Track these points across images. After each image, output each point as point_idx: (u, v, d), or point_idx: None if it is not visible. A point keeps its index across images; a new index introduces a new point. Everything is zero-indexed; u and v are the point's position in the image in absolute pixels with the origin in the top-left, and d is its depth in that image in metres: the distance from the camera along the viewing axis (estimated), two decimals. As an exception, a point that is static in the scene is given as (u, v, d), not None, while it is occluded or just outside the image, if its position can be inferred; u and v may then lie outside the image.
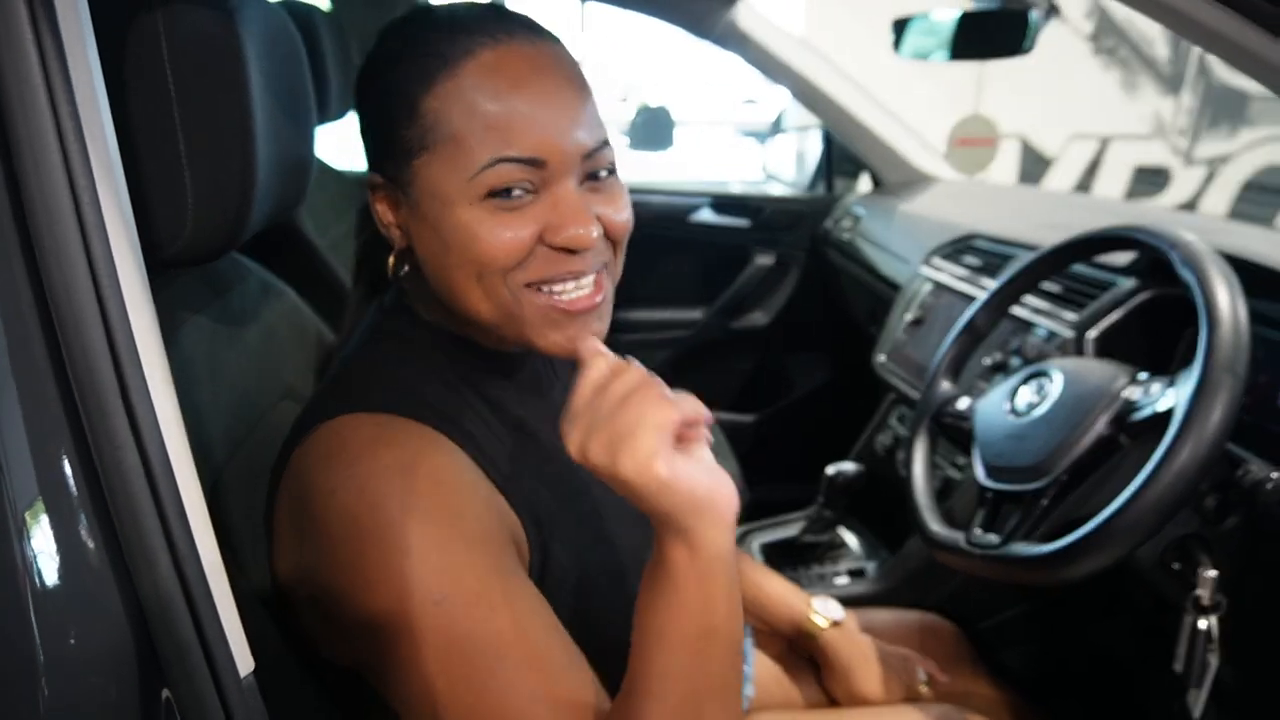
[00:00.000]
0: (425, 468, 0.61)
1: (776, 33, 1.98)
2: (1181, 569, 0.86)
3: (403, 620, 0.58)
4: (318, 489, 0.61)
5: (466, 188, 0.62)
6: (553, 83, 0.64)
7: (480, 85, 0.62)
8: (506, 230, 0.63)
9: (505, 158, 0.61)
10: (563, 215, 0.63)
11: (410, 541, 0.58)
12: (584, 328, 0.66)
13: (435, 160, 0.63)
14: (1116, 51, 5.54)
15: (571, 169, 0.64)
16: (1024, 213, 1.81)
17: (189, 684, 0.47)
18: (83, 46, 0.47)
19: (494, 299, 0.65)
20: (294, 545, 0.65)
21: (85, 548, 0.47)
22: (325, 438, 0.63)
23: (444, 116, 0.63)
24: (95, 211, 0.46)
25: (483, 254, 0.63)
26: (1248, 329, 0.77)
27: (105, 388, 0.46)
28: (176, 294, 0.79)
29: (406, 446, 0.62)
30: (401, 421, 0.64)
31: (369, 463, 0.60)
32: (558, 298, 0.65)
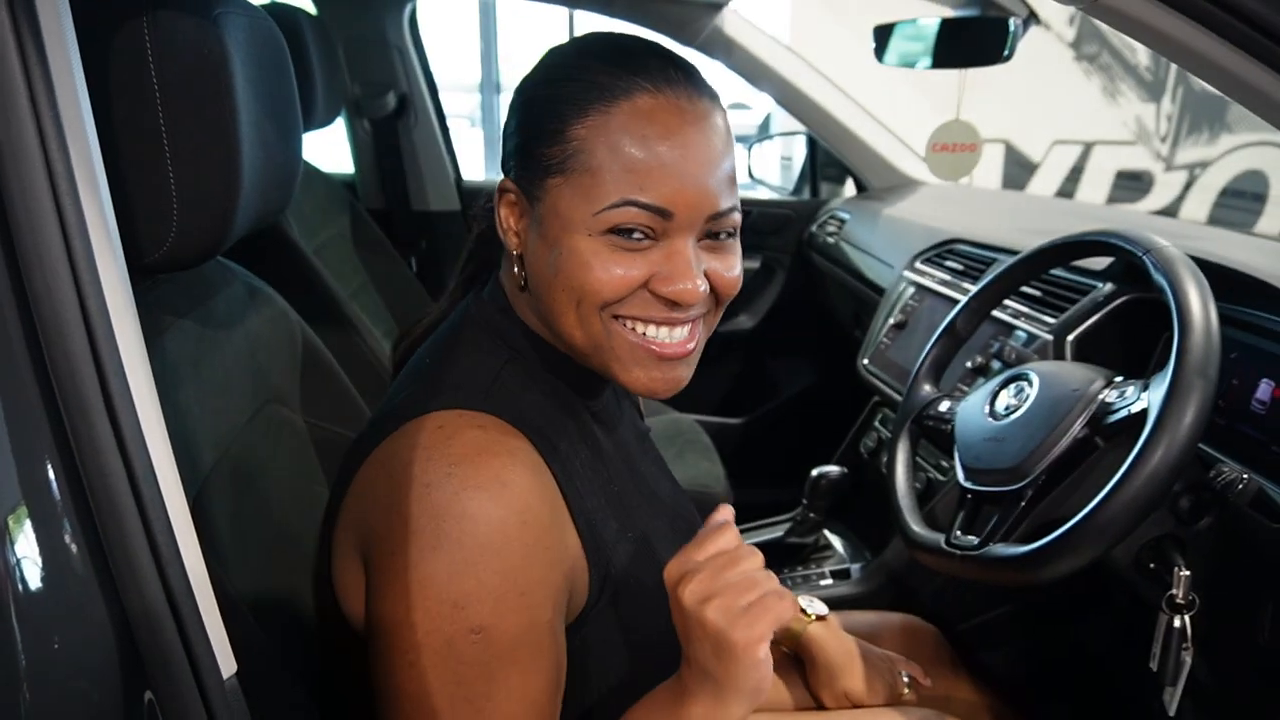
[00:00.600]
0: (521, 490, 0.62)
1: (762, 39, 1.99)
2: (1157, 569, 0.88)
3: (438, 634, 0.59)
4: (415, 479, 0.61)
5: (591, 220, 0.64)
6: (698, 139, 0.65)
7: (629, 128, 0.64)
8: (617, 268, 0.65)
9: (635, 201, 0.63)
10: (674, 268, 0.65)
11: (483, 563, 0.59)
12: (671, 371, 0.69)
13: (569, 186, 0.65)
14: (1098, 58, 5.60)
15: (695, 225, 0.66)
16: (1006, 217, 1.83)
17: (171, 687, 0.47)
18: (65, 51, 0.48)
19: (586, 328, 0.67)
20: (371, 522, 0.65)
21: (68, 552, 0.47)
22: (426, 429, 0.64)
23: (588, 147, 0.64)
24: (78, 216, 0.46)
25: (588, 283, 0.65)
26: (1219, 333, 0.79)
27: (88, 392, 0.46)
28: (161, 298, 0.79)
29: (509, 462, 0.62)
30: (505, 429, 0.65)
31: (471, 470, 0.61)
32: (650, 340, 0.67)
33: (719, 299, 0.70)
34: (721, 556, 0.62)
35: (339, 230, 1.91)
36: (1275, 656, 0.85)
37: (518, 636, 0.61)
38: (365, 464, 0.67)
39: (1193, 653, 0.83)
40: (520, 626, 0.61)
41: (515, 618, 0.61)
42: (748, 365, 2.36)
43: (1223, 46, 0.64)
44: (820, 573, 1.52)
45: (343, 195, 1.98)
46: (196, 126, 0.68)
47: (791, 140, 2.37)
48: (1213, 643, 0.88)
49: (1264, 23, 0.62)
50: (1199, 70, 0.69)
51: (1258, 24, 0.62)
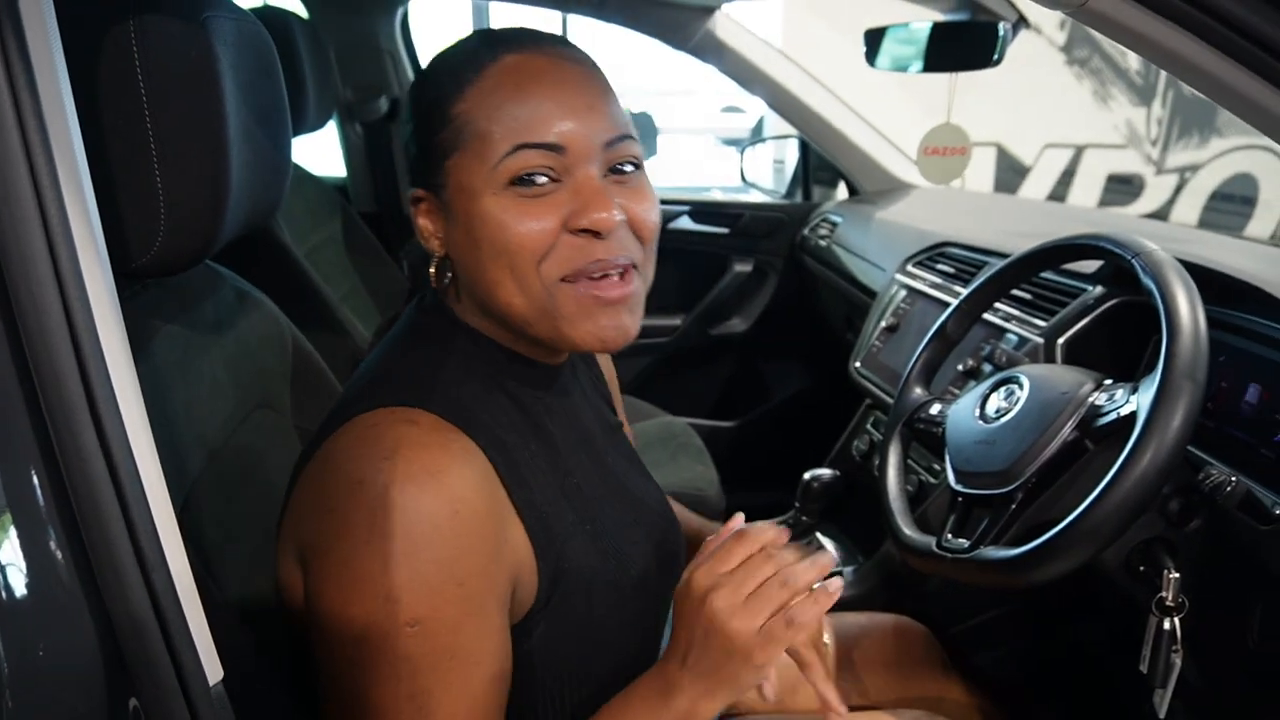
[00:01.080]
0: (454, 481, 0.62)
1: (754, 42, 2.00)
2: (1146, 571, 0.88)
3: (374, 629, 0.59)
4: (346, 476, 0.62)
5: (490, 177, 0.65)
6: (571, 77, 0.67)
7: (503, 84, 0.66)
8: (531, 219, 0.65)
9: (525, 144, 0.65)
10: (584, 200, 0.66)
11: (415, 555, 0.59)
12: (615, 318, 0.68)
13: (463, 157, 0.66)
14: (1089, 62, 5.63)
15: (592, 156, 0.67)
16: (997, 220, 1.83)
17: (157, 694, 0.47)
18: (50, 56, 0.47)
19: (527, 292, 0.67)
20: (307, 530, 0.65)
21: (53, 558, 0.47)
22: (360, 428, 0.64)
23: (471, 116, 0.66)
24: (62, 221, 0.46)
25: (510, 242, 0.65)
26: (1207, 336, 0.79)
27: (72, 398, 0.46)
28: (149, 303, 0.79)
29: (440, 454, 0.62)
30: (437, 422, 0.64)
31: (401, 463, 0.61)
32: (591, 287, 0.67)
33: (643, 242, 0.70)
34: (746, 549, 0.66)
35: (330, 234, 1.91)
36: (1265, 658, 0.85)
37: (457, 628, 0.61)
38: (303, 473, 0.67)
39: (1182, 655, 0.84)
40: (458, 618, 0.61)
41: (453, 609, 0.60)
42: (740, 368, 2.36)
43: (1210, 52, 0.65)
44: (813, 576, 1.51)
45: (334, 199, 1.98)
46: (184, 131, 0.67)
47: (784, 144, 2.38)
48: (1202, 645, 0.88)
49: (1251, 29, 0.62)
50: (1187, 76, 0.70)
51: (1244, 30, 0.62)
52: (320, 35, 1.80)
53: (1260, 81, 0.61)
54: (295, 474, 0.69)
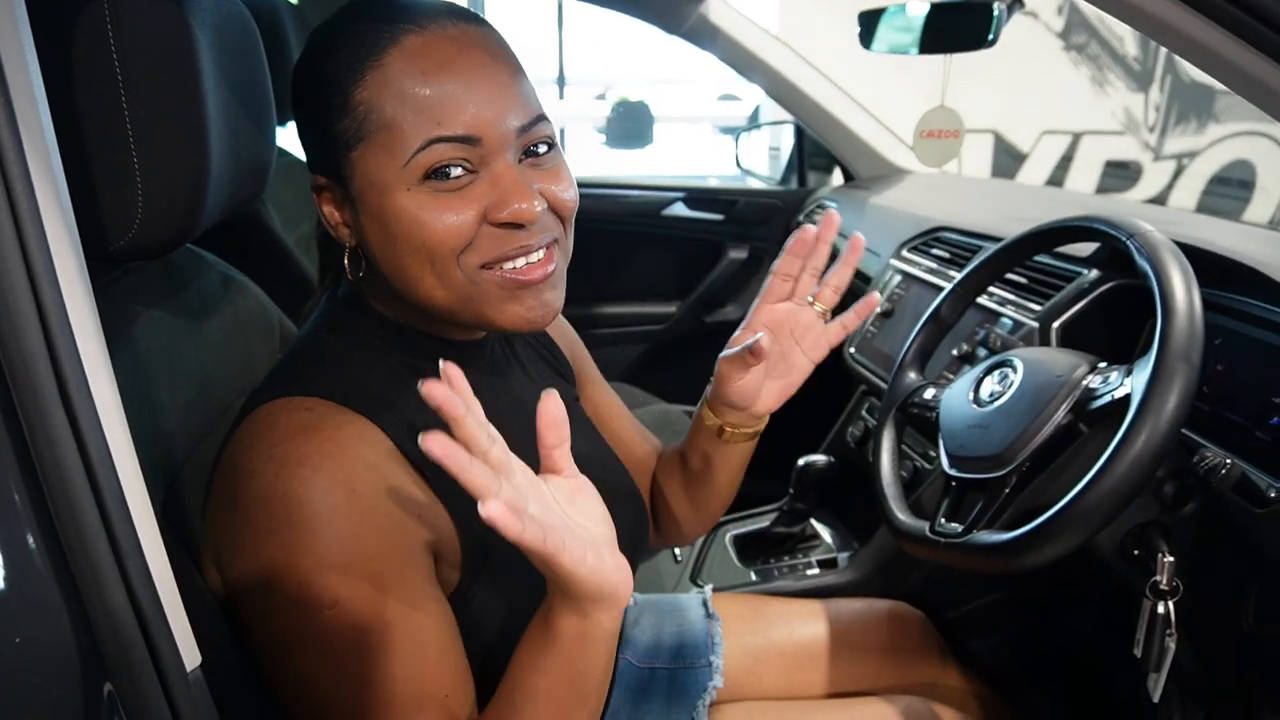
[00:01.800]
0: (347, 461, 0.61)
1: (748, 27, 1.98)
2: (1141, 555, 0.87)
3: (296, 617, 0.59)
4: (240, 468, 0.61)
5: (403, 173, 0.62)
6: (480, 61, 0.64)
7: (408, 70, 0.62)
8: (449, 214, 0.63)
9: (438, 138, 0.62)
10: (503, 191, 0.64)
11: (316, 537, 0.58)
12: (539, 296, 0.67)
13: (370, 150, 0.63)
14: (1087, 48, 5.60)
15: (507, 145, 0.64)
16: (993, 205, 1.82)
17: (131, 679, 0.46)
18: (16, 34, 0.46)
19: (449, 284, 0.65)
20: (218, 530, 0.65)
21: (26, 546, 0.46)
22: (257, 420, 0.63)
23: (375, 105, 0.63)
24: (31, 204, 0.45)
25: (428, 239, 0.63)
26: (1202, 318, 0.78)
27: (42, 383, 0.45)
28: (130, 288, 0.77)
29: (333, 436, 0.61)
30: (333, 408, 0.64)
31: (291, 448, 0.60)
32: (509, 272, 0.66)
33: (563, 219, 0.69)
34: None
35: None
36: (1260, 641, 0.85)
37: (377, 603, 0.60)
38: (214, 468, 0.67)
39: (1177, 639, 0.83)
40: (375, 593, 0.60)
41: (368, 586, 0.59)
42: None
43: (1206, 24, 0.64)
44: (808, 562, 1.51)
45: (326, 186, 1.96)
46: (161, 111, 0.66)
47: (779, 130, 2.36)
48: (1197, 628, 0.88)
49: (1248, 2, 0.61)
50: (1183, 49, 0.69)
51: (1241, 3, 0.61)
52: (310, 21, 1.79)
53: (1256, 54, 0.60)
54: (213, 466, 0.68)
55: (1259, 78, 0.62)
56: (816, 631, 1.12)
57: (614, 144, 9.16)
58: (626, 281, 2.26)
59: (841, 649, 1.11)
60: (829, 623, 1.13)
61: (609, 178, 2.33)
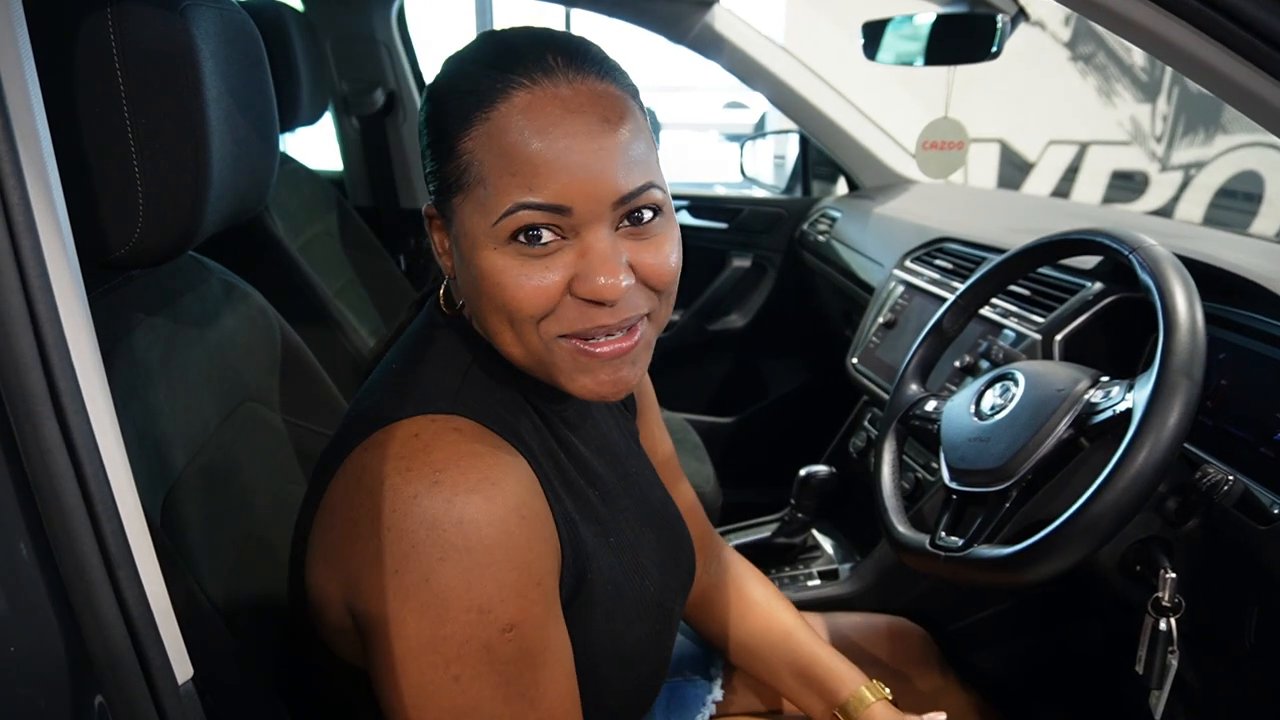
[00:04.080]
0: (512, 485, 0.61)
1: (753, 36, 1.98)
2: (1143, 571, 0.87)
3: (474, 642, 0.58)
4: (398, 492, 0.59)
5: (492, 232, 0.61)
6: (584, 125, 0.61)
7: (509, 129, 0.60)
8: (532, 278, 0.61)
9: (526, 204, 0.60)
10: (590, 264, 0.61)
11: (494, 563, 0.58)
12: (615, 372, 0.65)
13: (469, 202, 0.63)
14: (1094, 58, 5.59)
15: (602, 215, 0.62)
16: (996, 216, 1.82)
17: (122, 691, 0.46)
18: (14, 43, 0.46)
19: (525, 345, 0.65)
20: (351, 547, 0.62)
21: (17, 556, 0.46)
22: (400, 438, 0.62)
23: (476, 159, 0.62)
24: (25, 212, 0.45)
25: (509, 301, 0.62)
26: (1204, 333, 0.78)
27: (34, 392, 0.44)
28: (130, 295, 0.78)
29: (495, 462, 0.61)
30: (480, 430, 0.63)
31: (458, 475, 0.59)
32: (584, 344, 0.64)
33: (658, 290, 0.66)
34: None
35: (326, 228, 1.90)
36: (1262, 659, 0.84)
37: (544, 624, 0.62)
38: (335, 478, 0.64)
39: (1179, 656, 0.82)
40: (543, 615, 0.62)
41: (539, 608, 0.61)
42: (738, 364, 2.35)
43: (1210, 44, 0.63)
44: (808, 573, 1.51)
45: (330, 193, 1.97)
46: (163, 119, 0.66)
47: (784, 139, 2.36)
48: (1199, 645, 0.87)
49: (1247, 18, 0.61)
50: (1187, 68, 0.68)
51: (1241, 20, 0.61)
52: (315, 27, 1.79)
53: (1257, 72, 0.60)
54: (323, 476, 0.66)
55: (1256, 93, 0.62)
56: (817, 645, 1.11)
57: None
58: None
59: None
60: (829, 637, 1.12)
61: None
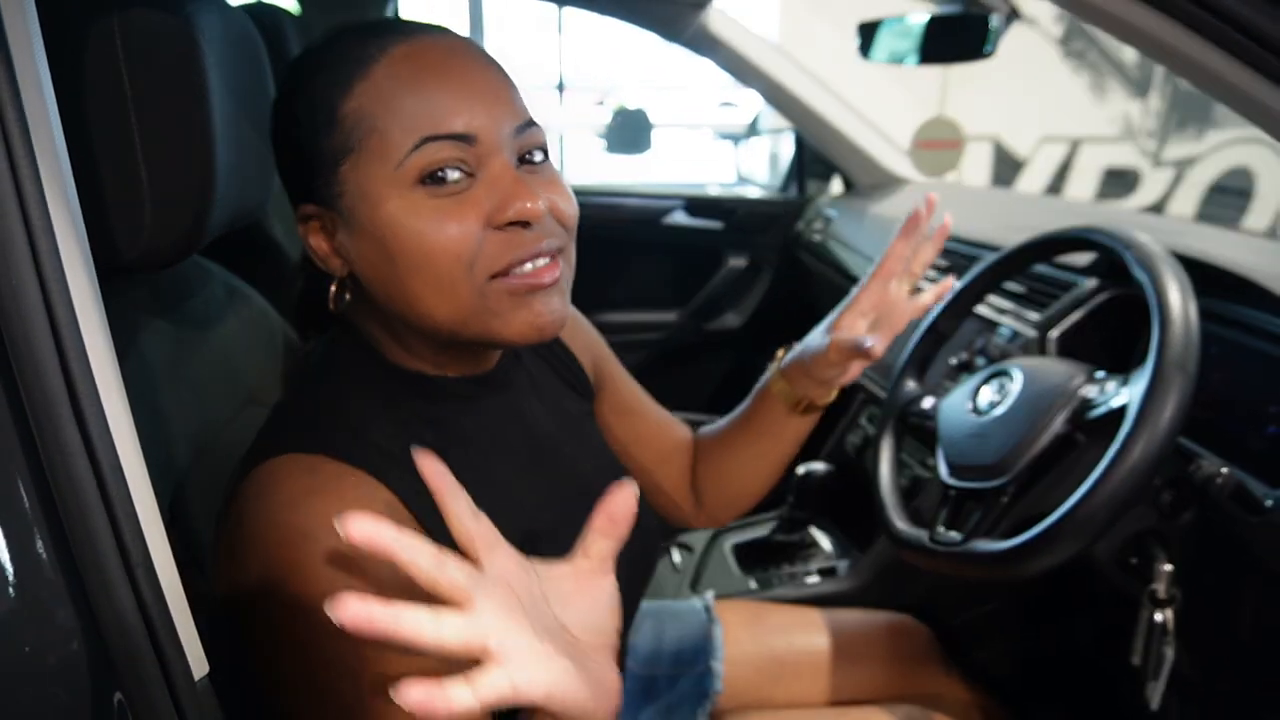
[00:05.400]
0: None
1: (748, 36, 1.99)
2: (1139, 564, 0.88)
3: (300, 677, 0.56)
4: (245, 529, 0.59)
5: (395, 177, 0.60)
6: (471, 66, 0.63)
7: (398, 75, 0.61)
8: (450, 222, 0.60)
9: (433, 136, 0.60)
10: (504, 192, 0.61)
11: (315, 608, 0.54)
12: (548, 303, 0.64)
13: (361, 159, 0.61)
14: (1086, 55, 5.62)
15: (503, 145, 0.62)
16: (992, 214, 1.83)
17: (141, 688, 0.47)
18: (29, 48, 0.47)
19: (456, 300, 0.62)
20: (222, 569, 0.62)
21: (36, 554, 0.47)
22: (261, 479, 0.61)
23: (365, 114, 0.61)
24: (43, 215, 0.45)
25: (432, 250, 0.60)
26: (1198, 327, 0.79)
27: (54, 394, 0.45)
28: (137, 298, 0.78)
29: (336, 503, 0.59)
30: (335, 467, 0.61)
31: (294, 517, 0.58)
32: (519, 276, 0.63)
33: (565, 228, 0.66)
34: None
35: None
36: (1257, 650, 0.85)
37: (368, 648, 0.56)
38: (222, 515, 0.64)
39: (1175, 647, 0.84)
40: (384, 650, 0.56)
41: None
42: (735, 363, 2.36)
43: (1200, 43, 0.64)
44: (807, 570, 1.52)
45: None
46: (169, 124, 0.67)
47: (779, 138, 2.38)
48: (1195, 636, 0.88)
49: (1239, 19, 0.62)
50: (1179, 67, 0.69)
51: (1233, 20, 0.62)
52: (311, 31, 1.80)
53: (1250, 71, 0.61)
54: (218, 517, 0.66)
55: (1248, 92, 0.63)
56: (817, 641, 1.12)
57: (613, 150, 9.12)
58: (626, 289, 2.27)
59: (842, 659, 1.11)
60: (830, 633, 1.13)
61: (609, 185, 2.35)
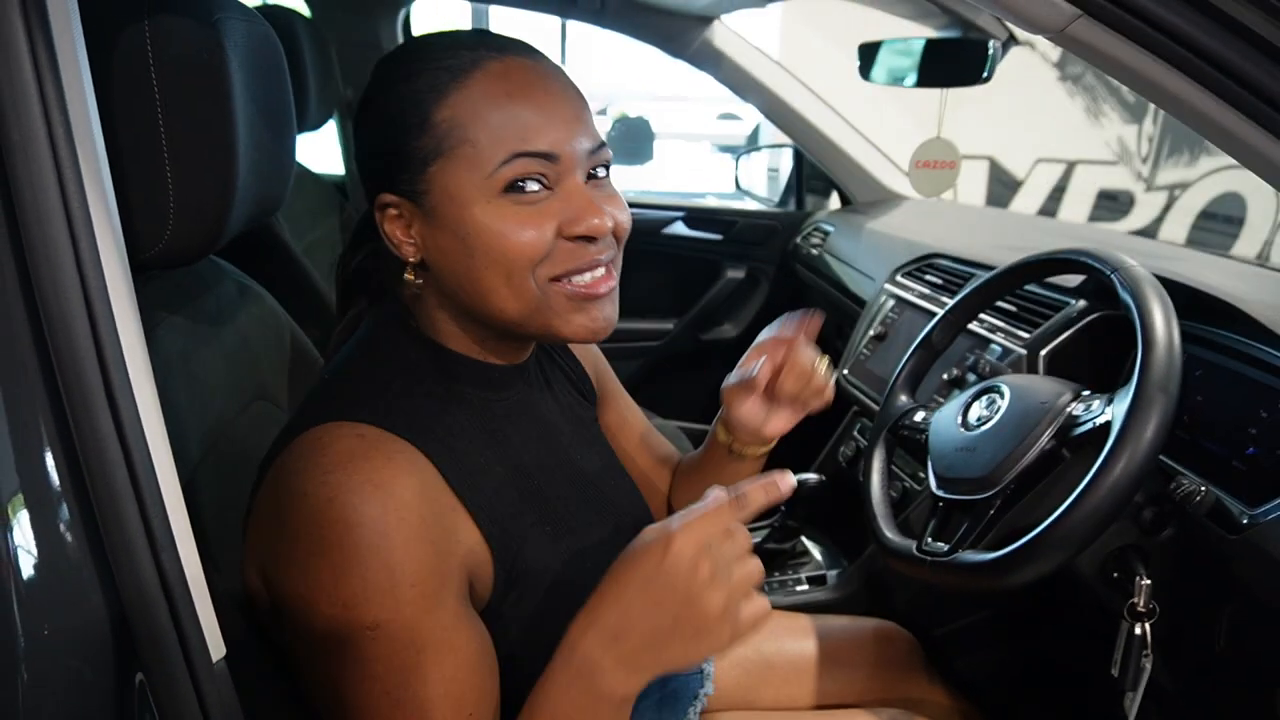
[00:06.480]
0: (397, 490, 0.63)
1: (750, 52, 2.03)
2: (1120, 578, 0.90)
3: (338, 636, 0.61)
4: (291, 491, 0.63)
5: (484, 185, 0.67)
6: (556, 88, 0.70)
7: (490, 92, 0.67)
8: (528, 227, 0.67)
9: (522, 152, 0.66)
10: (578, 208, 0.69)
11: (363, 562, 0.61)
12: (603, 310, 0.72)
13: (451, 164, 0.67)
14: (1082, 79, 5.68)
15: (579, 164, 0.70)
16: (986, 233, 1.86)
17: (162, 669, 0.49)
18: (74, 53, 0.49)
19: (521, 296, 0.69)
20: (265, 545, 0.67)
21: (65, 537, 0.49)
22: (307, 444, 0.65)
23: (458, 123, 0.67)
24: (83, 211, 0.48)
25: (509, 250, 0.67)
26: (1180, 350, 0.82)
27: (90, 382, 0.47)
28: (154, 294, 0.80)
29: (384, 465, 0.64)
30: (381, 435, 0.66)
31: (343, 475, 0.62)
32: (578, 285, 0.71)
33: (618, 240, 0.74)
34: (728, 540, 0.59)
35: (328, 231, 1.92)
36: (1232, 662, 0.88)
37: (416, 625, 0.62)
38: (261, 484, 0.69)
39: (1153, 659, 0.86)
40: (417, 616, 0.62)
41: (410, 609, 0.62)
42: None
43: (1188, 84, 0.67)
44: (797, 579, 1.54)
45: (333, 196, 2.00)
46: (195, 128, 0.69)
47: (778, 152, 2.41)
48: (1173, 649, 0.90)
49: (1228, 65, 0.65)
50: (1167, 105, 0.72)
51: (1222, 65, 0.65)
52: (323, 35, 1.82)
53: (1236, 114, 0.64)
54: (256, 481, 0.70)
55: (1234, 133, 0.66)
56: (805, 647, 1.15)
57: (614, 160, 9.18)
58: (625, 297, 2.26)
59: (829, 664, 1.13)
60: (817, 638, 1.16)
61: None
